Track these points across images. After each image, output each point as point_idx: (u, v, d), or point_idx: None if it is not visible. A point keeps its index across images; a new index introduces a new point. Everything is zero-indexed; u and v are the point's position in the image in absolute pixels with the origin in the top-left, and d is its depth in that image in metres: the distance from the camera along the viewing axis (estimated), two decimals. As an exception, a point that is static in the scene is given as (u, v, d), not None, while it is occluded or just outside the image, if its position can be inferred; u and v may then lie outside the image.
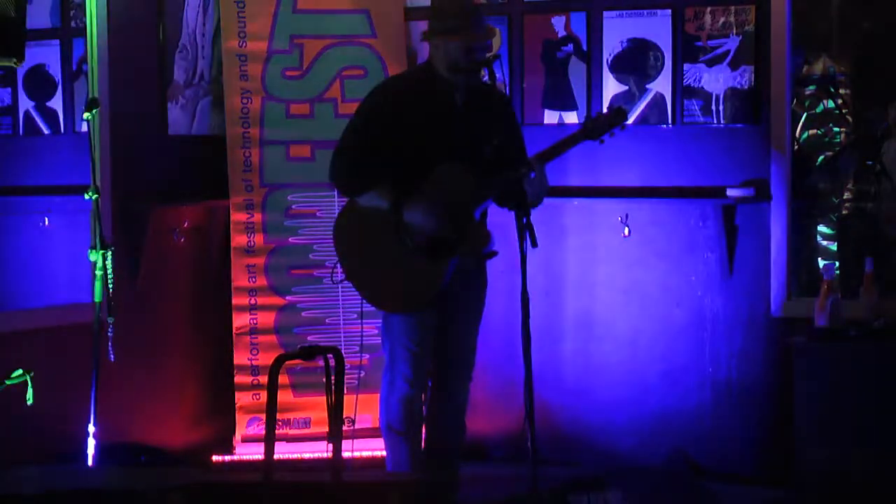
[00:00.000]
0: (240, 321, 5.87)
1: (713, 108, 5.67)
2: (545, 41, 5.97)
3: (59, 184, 5.87)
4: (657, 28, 5.76)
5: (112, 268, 5.14)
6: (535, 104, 5.99)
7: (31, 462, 5.08)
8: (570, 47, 5.92)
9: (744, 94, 5.62)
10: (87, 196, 5.13)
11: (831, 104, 5.75)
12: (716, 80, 5.67)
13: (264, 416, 4.51)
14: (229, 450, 5.84)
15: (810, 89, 5.76)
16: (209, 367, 6.03)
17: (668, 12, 5.74)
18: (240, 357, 5.87)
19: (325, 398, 3.74)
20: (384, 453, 5.00)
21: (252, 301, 5.88)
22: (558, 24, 5.94)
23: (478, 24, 4.70)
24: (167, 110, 5.94)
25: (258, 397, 5.86)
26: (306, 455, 5.75)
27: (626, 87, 5.83)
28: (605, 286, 5.91)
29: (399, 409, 4.82)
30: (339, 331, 5.90)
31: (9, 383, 4.71)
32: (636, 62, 5.81)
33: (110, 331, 5.13)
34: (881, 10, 5.68)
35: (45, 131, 5.93)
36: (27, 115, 5.94)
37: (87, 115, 5.20)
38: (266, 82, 5.92)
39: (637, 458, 5.82)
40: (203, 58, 6.04)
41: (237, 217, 5.90)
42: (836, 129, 5.77)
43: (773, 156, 5.57)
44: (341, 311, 5.90)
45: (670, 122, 5.76)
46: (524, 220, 4.48)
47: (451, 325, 4.86)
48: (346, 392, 3.89)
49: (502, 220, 4.77)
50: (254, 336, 5.88)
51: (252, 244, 5.89)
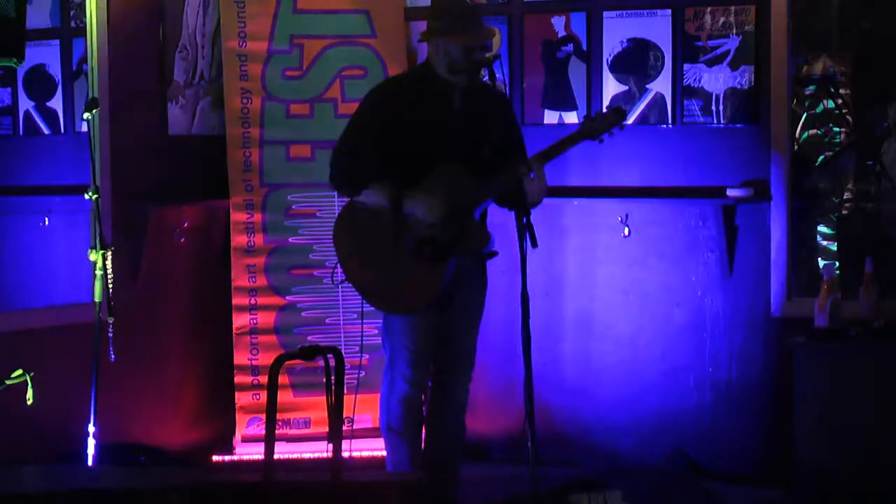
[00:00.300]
0: (240, 321, 5.87)
1: (713, 108, 5.67)
2: (545, 41, 5.97)
3: (59, 184, 5.86)
4: (657, 28, 5.77)
5: (112, 268, 5.14)
6: (535, 104, 5.99)
7: (31, 462, 5.08)
8: (570, 47, 5.93)
9: (744, 94, 5.62)
10: (87, 196, 5.13)
11: (831, 104, 5.74)
12: (716, 80, 5.67)
13: (264, 416, 4.51)
14: (229, 450, 5.84)
15: (810, 89, 5.75)
16: (209, 367, 6.03)
17: (668, 12, 5.74)
18: (240, 357, 5.87)
19: (325, 398, 3.74)
20: (384, 453, 5.00)
21: (252, 301, 5.88)
22: (558, 24, 5.94)
23: (477, 25, 4.70)
24: (167, 110, 5.94)
25: (258, 397, 5.86)
26: (306, 455, 5.76)
27: (626, 87, 5.83)
28: (605, 286, 5.91)
29: (399, 410, 4.82)
30: (339, 331, 5.90)
31: (9, 383, 4.70)
32: (636, 62, 5.81)
33: (110, 331, 5.13)
34: (881, 10, 5.67)
35: (45, 131, 5.93)
36: (27, 115, 5.93)
37: (87, 115, 5.19)
38: (266, 82, 5.93)
39: (637, 457, 5.82)
40: (203, 58, 6.04)
41: (237, 217, 5.90)
42: (836, 129, 5.77)
43: (772, 156, 5.57)
44: (341, 311, 5.90)
45: (670, 122, 5.76)
46: (524, 220, 4.48)
47: (452, 326, 4.86)
48: (346, 392, 3.89)
49: (502, 220, 4.77)
50: (254, 336, 5.88)
51: (252, 244, 5.89)
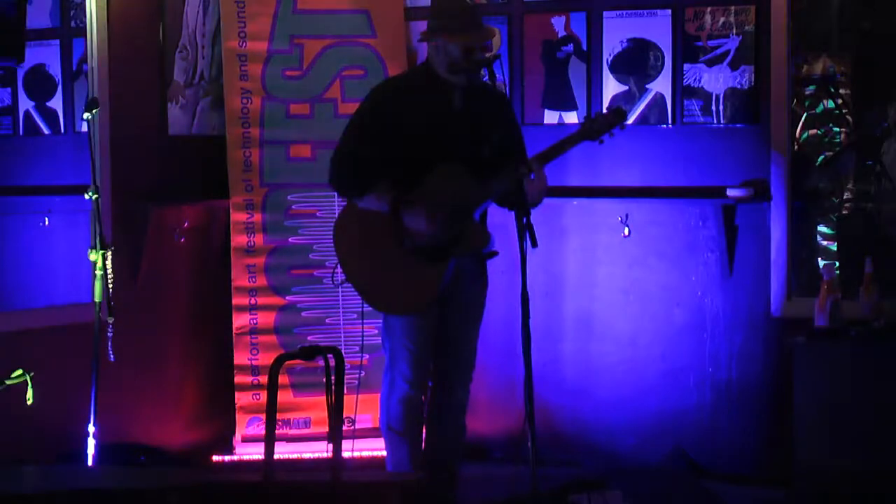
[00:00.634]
0: (240, 321, 5.87)
1: (713, 108, 5.67)
2: (545, 41, 5.97)
3: (59, 184, 5.86)
4: (657, 28, 5.77)
5: (112, 268, 5.14)
6: (535, 104, 5.99)
7: (31, 462, 5.08)
8: (570, 47, 5.93)
9: (744, 94, 5.62)
10: (87, 196, 5.13)
11: (831, 104, 5.74)
12: (716, 80, 5.67)
13: (264, 416, 4.51)
14: (229, 450, 5.84)
15: (810, 89, 5.75)
16: (209, 367, 6.03)
17: (668, 12, 5.74)
18: (240, 357, 5.87)
19: (325, 398, 3.74)
20: (384, 453, 5.00)
21: (252, 301, 5.88)
22: (558, 24, 5.94)
23: (477, 24, 4.70)
24: (167, 110, 5.94)
25: (258, 397, 5.86)
26: (306, 455, 5.76)
27: (626, 87, 5.83)
28: (605, 286, 5.91)
29: (399, 410, 4.83)
30: (339, 331, 5.90)
31: (9, 383, 4.70)
32: (636, 62, 5.81)
33: (110, 331, 5.13)
34: (881, 10, 5.67)
35: (45, 131, 5.93)
36: (27, 115, 5.93)
37: (87, 115, 5.19)
38: (266, 82, 5.93)
39: (637, 458, 5.82)
40: (203, 58, 6.04)
41: (237, 217, 5.90)
42: (836, 129, 5.76)
43: (772, 156, 5.57)
44: (341, 311, 5.90)
45: (670, 122, 5.76)
46: (524, 221, 4.47)
47: (452, 326, 4.86)
48: (346, 392, 3.89)
49: (502, 220, 4.77)
50: (254, 336, 5.88)
51: (252, 244, 5.89)
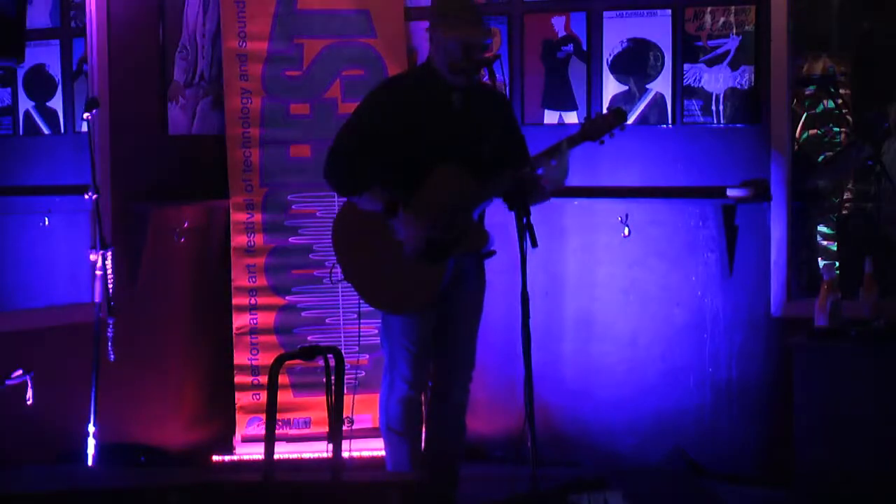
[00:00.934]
0: (240, 321, 5.87)
1: (713, 107, 5.67)
2: (545, 41, 5.97)
3: (59, 184, 5.87)
4: (657, 28, 5.76)
5: (112, 268, 5.14)
6: (535, 104, 5.99)
7: (31, 462, 5.08)
8: (570, 47, 5.92)
9: (744, 94, 5.62)
10: (87, 196, 5.13)
11: (831, 104, 5.74)
12: (716, 80, 5.67)
13: (264, 416, 4.51)
14: (229, 450, 5.84)
15: (810, 89, 5.76)
16: (209, 367, 6.02)
17: (668, 12, 5.74)
18: (240, 357, 5.87)
19: (325, 398, 3.74)
20: (384, 453, 5.00)
21: (252, 301, 5.88)
22: (558, 24, 5.94)
23: (477, 20, 4.70)
24: (167, 110, 5.94)
25: (258, 397, 5.86)
26: (306, 455, 5.75)
27: (626, 87, 5.83)
28: (605, 286, 5.90)
29: (398, 410, 4.82)
30: (339, 331, 5.90)
31: (9, 383, 4.70)
32: (636, 62, 5.81)
33: (110, 331, 5.13)
34: (881, 10, 5.67)
35: (45, 131, 5.93)
36: (27, 115, 5.93)
37: (87, 115, 5.19)
38: (266, 82, 5.93)
39: (637, 458, 5.82)
40: (203, 58, 6.04)
41: (237, 217, 5.90)
42: (836, 129, 5.77)
43: (773, 156, 5.57)
44: (341, 311, 5.90)
45: (670, 122, 5.76)
46: (524, 220, 4.48)
47: (451, 326, 4.85)
48: (346, 392, 3.89)
49: (502, 220, 4.77)
50: (254, 336, 5.88)
51: (252, 244, 5.89)
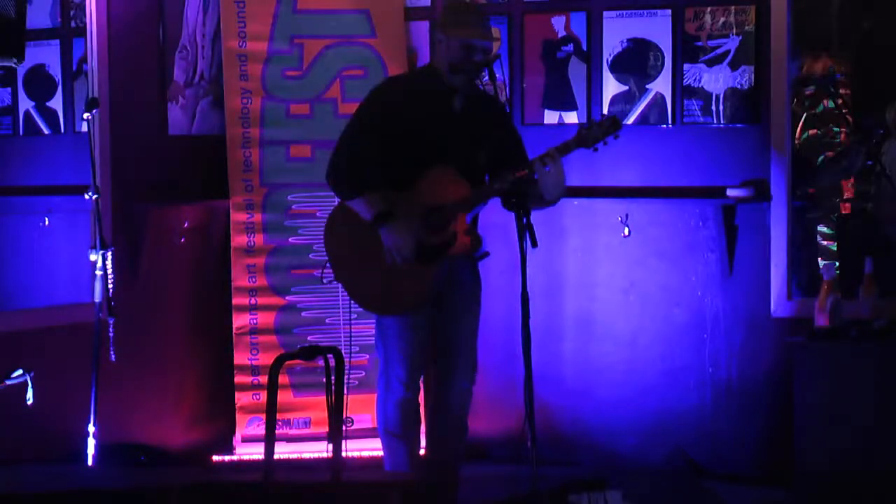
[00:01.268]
0: (240, 321, 5.87)
1: (713, 107, 5.67)
2: (545, 41, 5.97)
3: (59, 184, 5.87)
4: (657, 28, 5.76)
5: (112, 268, 5.14)
6: (535, 104, 5.99)
7: (31, 462, 5.08)
8: (570, 47, 5.92)
9: (744, 94, 5.62)
10: (87, 196, 5.13)
11: (831, 104, 5.74)
12: (716, 80, 5.67)
13: (264, 416, 4.51)
14: (229, 450, 5.84)
15: (810, 89, 5.76)
16: (209, 367, 6.03)
17: (668, 12, 5.74)
18: (240, 357, 5.87)
19: (325, 398, 3.74)
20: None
21: (252, 301, 5.88)
22: (558, 24, 5.94)
23: (479, 21, 4.71)
24: (167, 110, 5.94)
25: (258, 397, 5.86)
26: (306, 455, 5.76)
27: (626, 87, 5.83)
28: (605, 286, 5.90)
29: (396, 412, 4.81)
30: (339, 331, 5.90)
31: (9, 383, 4.71)
32: (636, 62, 5.81)
33: (110, 331, 5.13)
34: (881, 10, 5.68)
35: (45, 131, 5.93)
36: (27, 115, 5.93)
37: (86, 115, 5.20)
38: (266, 82, 5.93)
39: (637, 458, 5.82)
40: (203, 58, 6.04)
41: (237, 217, 5.90)
42: (836, 129, 5.77)
43: (773, 156, 5.57)
44: (341, 311, 5.90)
45: (670, 122, 5.76)
46: (524, 221, 4.48)
47: (448, 327, 4.84)
48: (346, 392, 3.89)
49: (502, 220, 4.77)
50: (254, 336, 5.88)
51: (252, 244, 5.89)
